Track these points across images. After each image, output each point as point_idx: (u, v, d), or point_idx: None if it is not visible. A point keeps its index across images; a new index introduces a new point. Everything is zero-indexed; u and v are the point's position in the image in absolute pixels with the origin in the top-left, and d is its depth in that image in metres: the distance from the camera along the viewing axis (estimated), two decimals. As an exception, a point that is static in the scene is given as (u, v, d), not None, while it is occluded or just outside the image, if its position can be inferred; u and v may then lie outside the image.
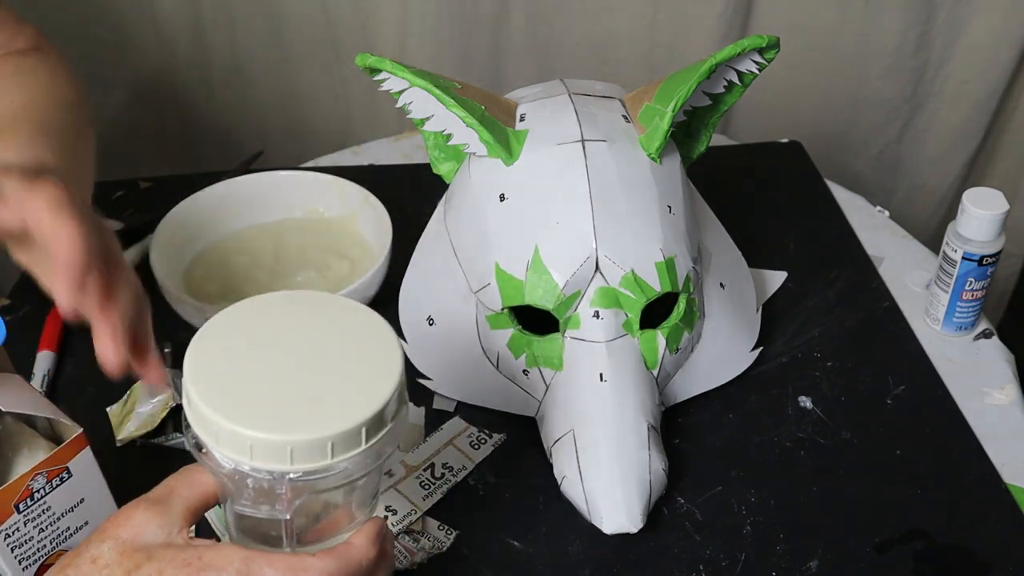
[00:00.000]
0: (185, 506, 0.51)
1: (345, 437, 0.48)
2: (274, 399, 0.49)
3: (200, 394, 0.49)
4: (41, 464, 0.58)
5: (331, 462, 0.49)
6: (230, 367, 0.50)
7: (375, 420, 0.49)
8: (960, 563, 0.67)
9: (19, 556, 0.59)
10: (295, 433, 0.48)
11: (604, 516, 0.67)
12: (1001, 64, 1.28)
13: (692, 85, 0.72)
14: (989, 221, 0.79)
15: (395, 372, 0.51)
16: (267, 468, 0.48)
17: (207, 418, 0.48)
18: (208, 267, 0.86)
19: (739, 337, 0.79)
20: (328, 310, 0.55)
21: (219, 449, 0.49)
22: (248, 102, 1.38)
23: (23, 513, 0.58)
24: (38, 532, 0.60)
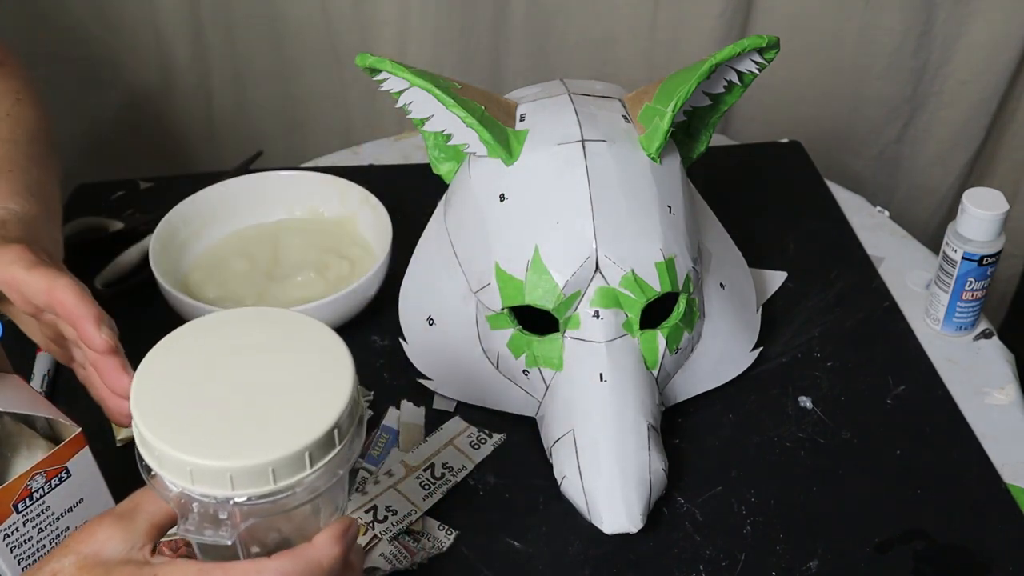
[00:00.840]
0: (149, 522, 0.51)
1: (287, 462, 0.47)
2: (217, 424, 0.48)
3: (143, 419, 0.48)
4: (40, 464, 0.58)
5: (274, 487, 0.48)
6: (176, 391, 0.50)
7: (321, 443, 0.48)
8: (960, 563, 0.67)
9: (18, 556, 0.59)
10: (235, 459, 0.47)
11: (604, 516, 0.67)
12: (1001, 64, 1.28)
13: (692, 85, 0.72)
14: (989, 221, 0.79)
15: (345, 393, 0.50)
16: (210, 493, 0.48)
17: (149, 443, 0.48)
18: (207, 267, 0.86)
19: (739, 337, 0.79)
20: (282, 328, 0.53)
21: (163, 473, 0.48)
22: (248, 102, 1.38)
23: (22, 513, 0.58)
24: (37, 532, 0.60)
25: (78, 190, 1.02)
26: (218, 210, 0.88)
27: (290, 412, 0.49)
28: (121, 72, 1.31)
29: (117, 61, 1.30)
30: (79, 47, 1.28)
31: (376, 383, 0.79)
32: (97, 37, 1.28)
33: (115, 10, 1.26)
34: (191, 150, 1.39)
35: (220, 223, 0.88)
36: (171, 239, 0.84)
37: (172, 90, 1.34)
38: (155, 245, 0.82)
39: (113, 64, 1.30)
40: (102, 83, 1.31)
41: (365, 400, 0.77)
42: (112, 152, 1.36)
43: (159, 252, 0.82)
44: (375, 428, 0.75)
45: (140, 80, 1.32)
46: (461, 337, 0.76)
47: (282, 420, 0.48)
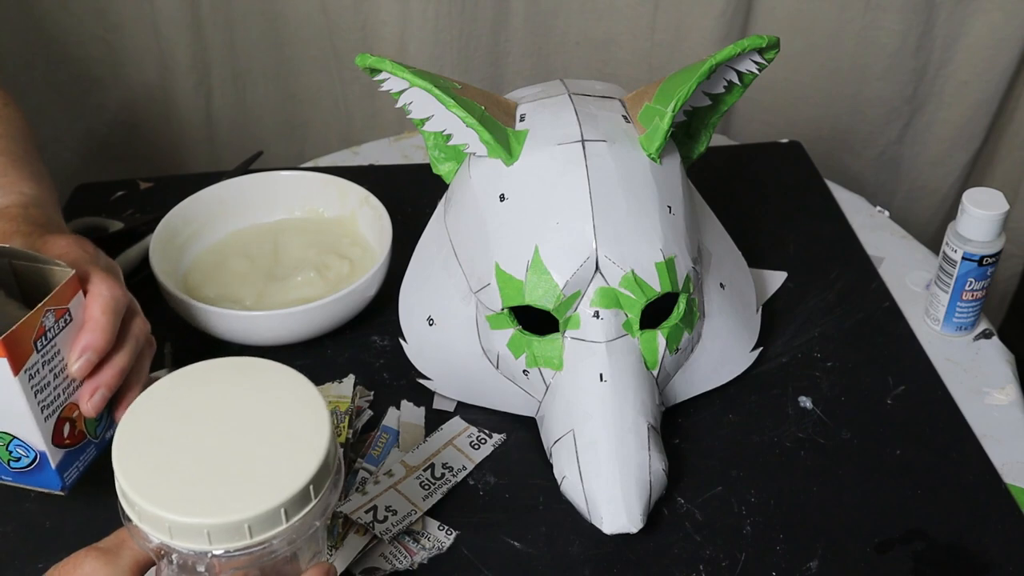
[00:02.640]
0: (134, 559, 0.52)
1: (263, 518, 0.49)
2: (195, 479, 0.49)
3: (124, 474, 0.49)
4: (48, 301, 0.59)
5: (251, 541, 0.49)
6: (155, 445, 0.51)
7: (296, 499, 0.50)
8: (960, 563, 0.67)
9: (41, 402, 0.60)
10: (212, 516, 0.48)
11: (604, 516, 0.67)
12: (1001, 64, 1.28)
13: (692, 85, 0.72)
14: (989, 221, 0.79)
15: (320, 450, 0.51)
16: (188, 547, 0.49)
17: (130, 498, 0.49)
18: (208, 267, 0.86)
19: (739, 337, 0.79)
20: (261, 380, 0.55)
21: (142, 526, 0.50)
22: (248, 102, 1.38)
23: (40, 352, 0.59)
24: (53, 377, 0.60)
25: (78, 190, 1.03)
26: (218, 210, 0.88)
27: (266, 468, 0.50)
28: (121, 72, 1.31)
29: (117, 61, 1.30)
30: (79, 47, 1.28)
31: (376, 383, 0.79)
32: (97, 37, 1.28)
33: (115, 10, 1.26)
34: (191, 150, 1.39)
35: (220, 223, 0.88)
36: (171, 239, 0.84)
37: (172, 90, 1.34)
38: (155, 245, 0.82)
39: (113, 64, 1.30)
40: (102, 83, 1.31)
41: (365, 400, 0.77)
42: (112, 152, 1.36)
43: (159, 252, 0.82)
44: (375, 428, 0.75)
45: (140, 80, 1.33)
46: (461, 337, 0.76)
47: (258, 475, 0.50)
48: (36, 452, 0.61)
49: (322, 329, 0.80)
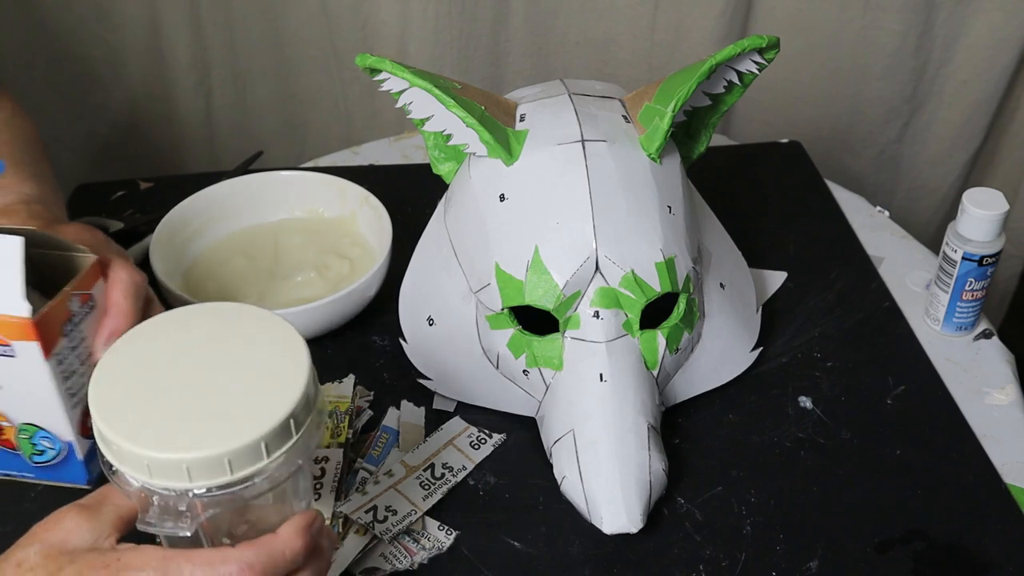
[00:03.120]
0: (116, 514, 0.51)
1: (243, 452, 0.48)
2: (174, 417, 0.49)
3: (101, 416, 0.49)
4: (74, 285, 0.58)
5: (232, 478, 0.49)
6: (133, 387, 0.50)
7: (277, 433, 0.49)
8: (960, 563, 0.67)
9: (68, 389, 0.59)
10: (191, 451, 0.48)
11: (604, 516, 0.67)
12: (1001, 64, 1.28)
13: (692, 85, 0.72)
14: (989, 221, 0.79)
15: (300, 383, 0.51)
16: (169, 486, 0.49)
17: (108, 438, 0.49)
18: (208, 267, 0.86)
19: (739, 337, 0.79)
20: (238, 322, 0.54)
21: (123, 468, 0.49)
22: (248, 102, 1.38)
23: (68, 337, 0.58)
24: (79, 364, 0.60)
25: (78, 190, 1.02)
26: (218, 210, 0.88)
27: (246, 403, 0.50)
28: (121, 72, 1.31)
29: (117, 61, 1.30)
30: (79, 47, 1.28)
31: (376, 383, 0.79)
32: (97, 37, 1.28)
33: (115, 10, 1.26)
34: (191, 150, 1.39)
35: (220, 223, 0.88)
36: (171, 239, 0.84)
37: (172, 90, 1.34)
38: (155, 245, 0.82)
39: (113, 64, 1.30)
40: (102, 83, 1.31)
41: (365, 400, 0.77)
42: (112, 152, 1.36)
43: (159, 252, 0.82)
44: (375, 428, 0.75)
45: (140, 80, 1.32)
46: (461, 337, 0.76)
47: (238, 411, 0.49)
48: (63, 443, 0.60)
49: (322, 329, 0.80)
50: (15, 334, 0.56)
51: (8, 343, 0.56)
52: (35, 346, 0.56)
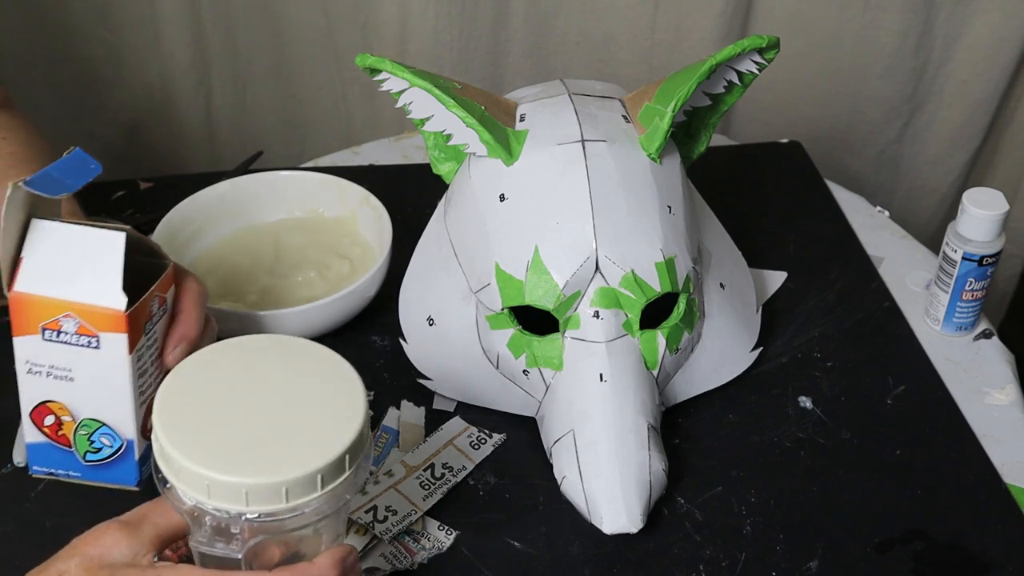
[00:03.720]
0: (155, 532, 0.52)
1: (300, 482, 0.50)
2: (235, 441, 0.51)
3: (164, 432, 0.51)
4: (157, 287, 0.59)
5: (286, 506, 0.50)
6: (197, 407, 0.52)
7: (333, 467, 0.51)
8: (960, 563, 0.67)
9: (140, 387, 0.60)
10: (251, 476, 0.49)
11: (604, 516, 0.67)
12: (1001, 64, 1.28)
13: (692, 85, 0.72)
14: (989, 221, 0.79)
15: (357, 421, 0.52)
16: (224, 508, 0.50)
17: (170, 455, 0.50)
18: (208, 267, 0.86)
19: (739, 337, 0.79)
20: (299, 355, 0.56)
21: (180, 486, 0.51)
22: (248, 102, 1.38)
23: (146, 335, 0.59)
24: (150, 364, 0.61)
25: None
26: (218, 210, 0.88)
27: (304, 436, 0.52)
28: (121, 72, 1.31)
29: (117, 61, 1.30)
30: (79, 47, 1.28)
31: (376, 383, 0.79)
32: (97, 37, 1.28)
33: (116, 10, 1.26)
34: (191, 150, 1.39)
35: (220, 223, 0.88)
36: (171, 239, 0.84)
37: (172, 90, 1.33)
38: (155, 245, 0.82)
39: (113, 64, 1.30)
40: (103, 83, 1.31)
41: (365, 400, 0.77)
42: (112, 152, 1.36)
43: (159, 252, 0.82)
44: (375, 428, 0.75)
45: (140, 80, 1.32)
46: (461, 337, 0.76)
47: (296, 443, 0.51)
48: (123, 441, 0.61)
49: (322, 329, 0.80)
50: (105, 325, 0.57)
51: (96, 335, 0.57)
52: (123, 339, 0.57)
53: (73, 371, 0.59)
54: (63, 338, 0.57)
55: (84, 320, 0.57)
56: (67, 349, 0.58)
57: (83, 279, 0.57)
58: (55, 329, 0.57)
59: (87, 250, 0.58)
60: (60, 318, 0.57)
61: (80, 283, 0.57)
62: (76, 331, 0.57)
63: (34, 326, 0.57)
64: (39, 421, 0.60)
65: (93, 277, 0.57)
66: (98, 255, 0.57)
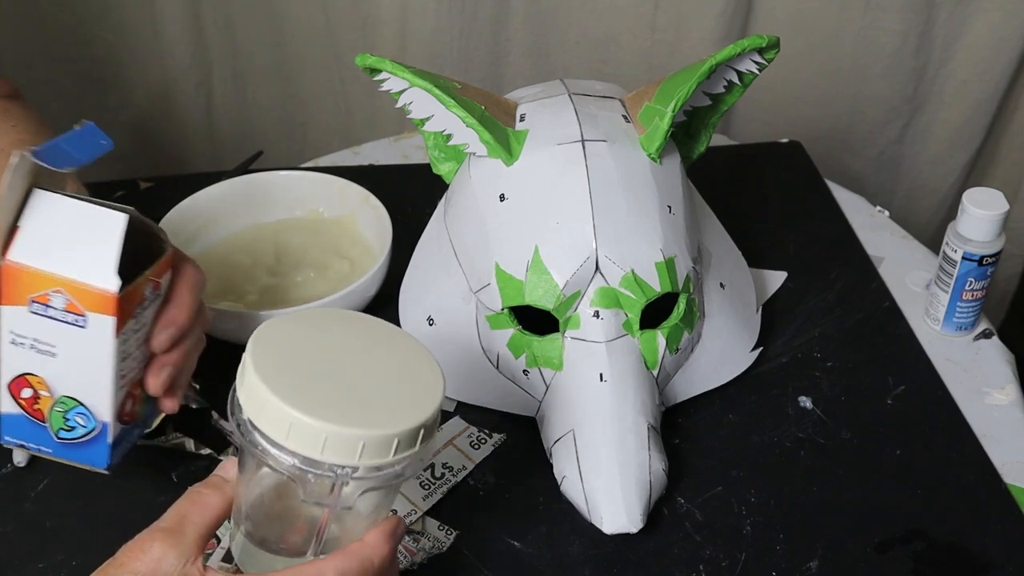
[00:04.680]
0: (198, 533, 0.52)
1: (408, 435, 0.51)
2: (342, 398, 0.51)
3: (274, 390, 0.49)
4: (152, 271, 0.58)
5: (392, 459, 0.50)
6: (295, 369, 0.52)
7: (431, 423, 0.52)
8: (960, 563, 0.67)
9: (120, 371, 0.59)
10: (367, 428, 0.50)
11: (604, 516, 0.67)
12: (1001, 64, 1.28)
13: (692, 85, 0.72)
14: (989, 221, 0.79)
15: (440, 384, 0.54)
16: (336, 463, 0.50)
17: (282, 411, 0.49)
18: (208, 267, 0.85)
19: (739, 337, 0.79)
20: (376, 328, 0.57)
21: (288, 444, 0.50)
22: (248, 102, 1.38)
23: (135, 319, 0.58)
24: (135, 348, 0.60)
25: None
26: (218, 210, 0.88)
27: (403, 393, 0.53)
28: (121, 72, 1.31)
29: (117, 61, 1.30)
30: (79, 47, 1.28)
31: (376, 383, 0.79)
32: (97, 37, 1.28)
33: (115, 10, 1.26)
34: (191, 150, 1.39)
35: (220, 223, 0.88)
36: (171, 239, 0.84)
37: (172, 90, 1.33)
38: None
39: (113, 64, 1.30)
40: (102, 83, 1.31)
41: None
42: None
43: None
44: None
45: (140, 80, 1.32)
46: (461, 337, 0.76)
47: (399, 399, 0.52)
48: (98, 423, 0.60)
49: (322, 329, 0.80)
50: (94, 305, 0.56)
51: (83, 313, 0.56)
52: (111, 321, 0.56)
53: (56, 347, 0.57)
54: (50, 313, 0.56)
55: (73, 297, 0.56)
56: (53, 325, 0.57)
57: (78, 256, 0.56)
58: (43, 303, 0.56)
59: (87, 227, 0.57)
60: (50, 292, 0.56)
61: (75, 260, 0.56)
62: (64, 308, 0.56)
63: (23, 297, 0.56)
64: (16, 392, 0.59)
65: (89, 255, 0.56)
66: (97, 233, 0.56)
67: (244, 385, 0.51)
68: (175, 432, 0.74)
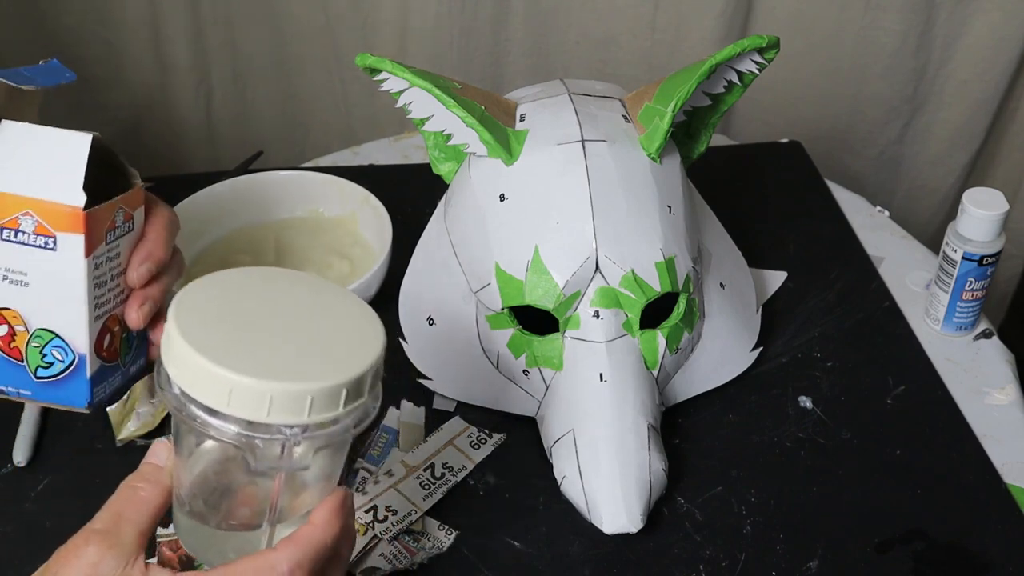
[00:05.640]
0: (136, 531, 0.49)
1: (355, 384, 0.49)
2: (280, 354, 0.49)
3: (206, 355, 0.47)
4: (123, 198, 0.58)
5: (342, 411, 0.48)
6: (224, 331, 0.49)
7: (376, 369, 0.50)
8: (960, 563, 0.67)
9: (95, 299, 0.58)
10: (312, 382, 0.47)
11: (604, 516, 0.67)
12: (1001, 64, 1.28)
13: (692, 85, 0.72)
14: (989, 221, 0.79)
15: (379, 329, 0.52)
16: (284, 423, 0.47)
17: (219, 376, 0.47)
18: (208, 267, 0.86)
19: (739, 337, 0.79)
20: (309, 284, 0.56)
21: (230, 409, 0.47)
22: (248, 102, 1.38)
23: (108, 245, 0.57)
24: (110, 278, 0.58)
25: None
26: (218, 210, 0.88)
27: (342, 344, 0.50)
28: (121, 72, 1.31)
29: (117, 61, 1.30)
30: (79, 47, 1.28)
31: (376, 383, 0.79)
32: (97, 37, 1.28)
33: (115, 10, 1.26)
34: (191, 150, 1.39)
35: (220, 223, 0.88)
36: (171, 239, 0.84)
37: (172, 90, 1.34)
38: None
39: (113, 64, 1.30)
40: (102, 83, 1.31)
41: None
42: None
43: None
44: (375, 428, 0.75)
45: (140, 80, 1.32)
46: (461, 337, 0.76)
47: (339, 350, 0.50)
48: (76, 355, 0.58)
49: (322, 329, 0.80)
50: (63, 225, 0.55)
51: (53, 234, 0.55)
52: (80, 240, 0.55)
53: (28, 275, 0.57)
54: (20, 238, 0.55)
55: (42, 219, 0.55)
56: (24, 251, 0.56)
57: (45, 177, 0.55)
58: (13, 228, 0.55)
59: (52, 150, 0.56)
60: (19, 216, 0.55)
61: (41, 181, 0.55)
62: (34, 231, 0.55)
63: None
64: None
65: (55, 175, 0.56)
66: (63, 154, 0.56)
67: (171, 355, 0.48)
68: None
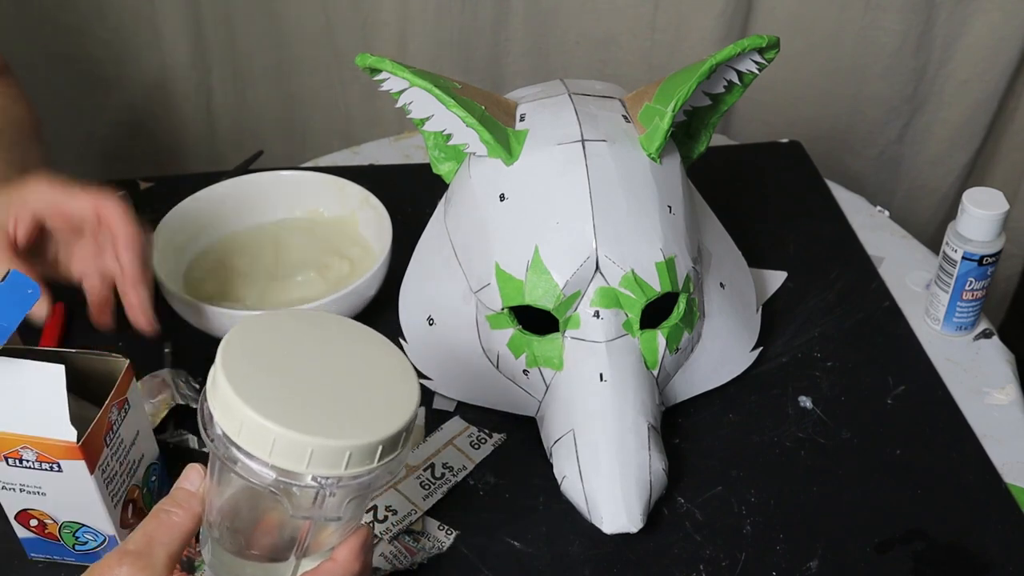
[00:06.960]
0: (167, 554, 0.51)
1: (392, 440, 0.50)
2: (322, 407, 0.50)
3: (253, 406, 0.48)
4: (113, 396, 0.60)
5: (376, 464, 0.50)
6: (269, 379, 0.50)
7: (411, 424, 0.51)
8: (960, 563, 0.67)
9: (111, 491, 0.61)
10: (352, 439, 0.49)
11: (604, 516, 0.67)
12: (1001, 64, 1.28)
13: (692, 85, 0.72)
14: (989, 221, 0.79)
15: (415, 384, 0.53)
16: (321, 474, 0.49)
17: (264, 428, 0.48)
18: (208, 267, 0.86)
19: (739, 337, 0.79)
20: (341, 329, 0.56)
21: (272, 459, 0.48)
22: (248, 102, 1.38)
23: (109, 446, 0.60)
24: (119, 464, 0.62)
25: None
26: (218, 210, 0.88)
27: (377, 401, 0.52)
28: (121, 72, 1.31)
29: (117, 61, 1.30)
30: (79, 47, 1.28)
31: (376, 383, 0.79)
32: (97, 37, 1.28)
33: (115, 10, 1.26)
34: (191, 150, 1.40)
35: (220, 223, 0.88)
36: (171, 239, 0.84)
37: (172, 90, 1.34)
38: (155, 245, 0.82)
39: (113, 64, 1.30)
40: (102, 83, 1.31)
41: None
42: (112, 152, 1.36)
43: (159, 252, 0.81)
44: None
45: (140, 80, 1.33)
46: (461, 337, 0.76)
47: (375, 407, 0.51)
48: (105, 536, 0.63)
49: (322, 329, 0.80)
50: (62, 454, 0.58)
51: (55, 461, 0.59)
52: (81, 464, 0.59)
53: (43, 487, 0.60)
54: (26, 464, 0.59)
55: (41, 451, 0.58)
56: (33, 472, 0.59)
57: (31, 413, 0.58)
58: (16, 458, 0.59)
59: (30, 384, 0.58)
60: (19, 449, 0.58)
61: (29, 417, 0.58)
62: (36, 459, 0.59)
63: None
64: (25, 523, 0.63)
65: (41, 411, 0.58)
66: (42, 389, 0.58)
67: (217, 399, 0.50)
68: (178, 430, 0.74)
